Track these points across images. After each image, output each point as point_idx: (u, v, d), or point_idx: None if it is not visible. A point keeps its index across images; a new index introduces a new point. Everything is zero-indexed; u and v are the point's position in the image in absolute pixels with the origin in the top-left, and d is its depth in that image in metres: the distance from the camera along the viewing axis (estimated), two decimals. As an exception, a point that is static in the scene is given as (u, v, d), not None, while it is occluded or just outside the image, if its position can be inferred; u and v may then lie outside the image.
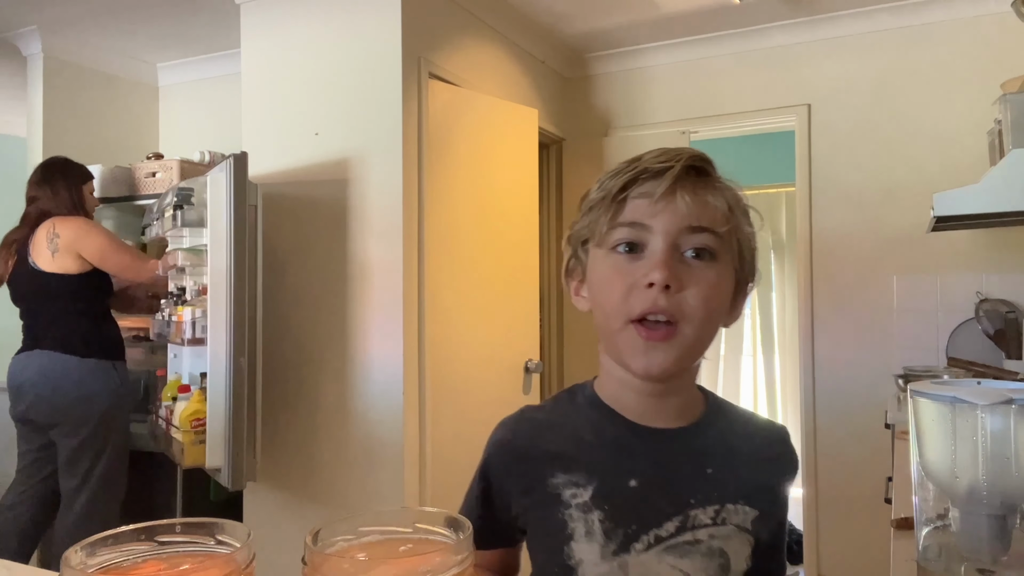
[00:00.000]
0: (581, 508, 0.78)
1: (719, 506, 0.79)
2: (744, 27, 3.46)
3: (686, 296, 0.76)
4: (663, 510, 0.78)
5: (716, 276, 0.78)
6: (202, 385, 2.57)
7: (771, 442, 0.88)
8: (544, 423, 0.87)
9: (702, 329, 0.78)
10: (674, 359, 0.78)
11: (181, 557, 0.53)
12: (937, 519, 0.87)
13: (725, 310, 0.81)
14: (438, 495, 2.69)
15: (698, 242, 0.77)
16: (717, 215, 0.78)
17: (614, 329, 0.79)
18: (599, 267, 0.82)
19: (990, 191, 2.11)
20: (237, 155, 2.38)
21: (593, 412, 0.84)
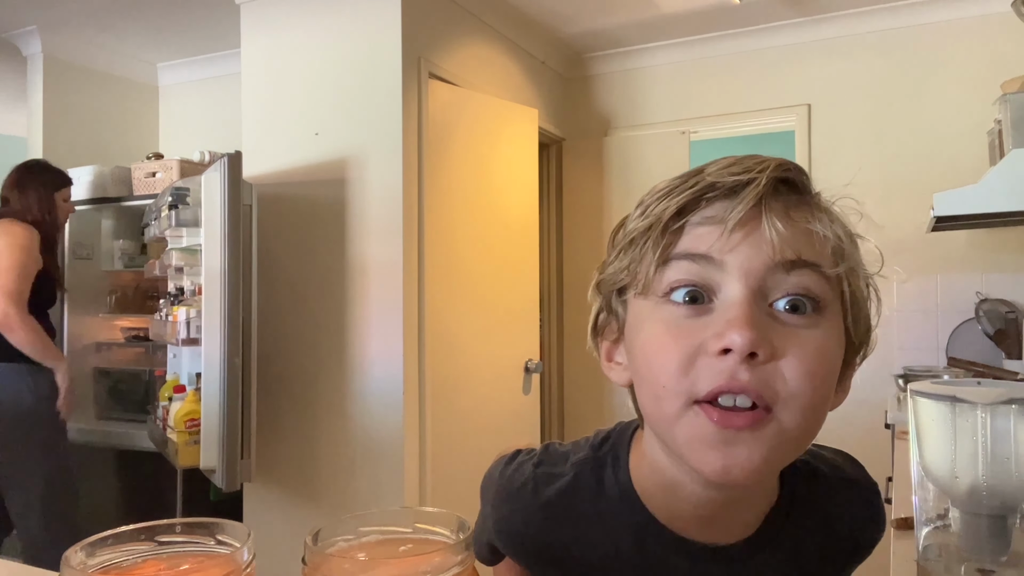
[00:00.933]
0: None
1: None
2: (744, 27, 3.46)
3: (781, 368, 0.52)
4: None
5: (825, 338, 0.54)
6: (197, 385, 2.57)
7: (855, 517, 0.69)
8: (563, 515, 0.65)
9: (807, 416, 0.54)
10: (764, 456, 0.53)
11: (181, 557, 0.53)
12: (937, 519, 0.87)
13: (833, 388, 0.58)
14: (438, 495, 2.69)
15: (797, 286, 0.53)
16: (825, 248, 0.55)
17: (669, 414, 0.54)
18: (645, 324, 0.57)
19: (990, 191, 2.11)
20: (231, 155, 2.38)
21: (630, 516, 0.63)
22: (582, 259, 3.82)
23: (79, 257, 3.38)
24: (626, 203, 3.73)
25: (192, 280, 2.75)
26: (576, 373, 3.83)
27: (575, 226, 3.85)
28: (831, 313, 0.55)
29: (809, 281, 0.53)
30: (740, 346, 0.50)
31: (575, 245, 3.84)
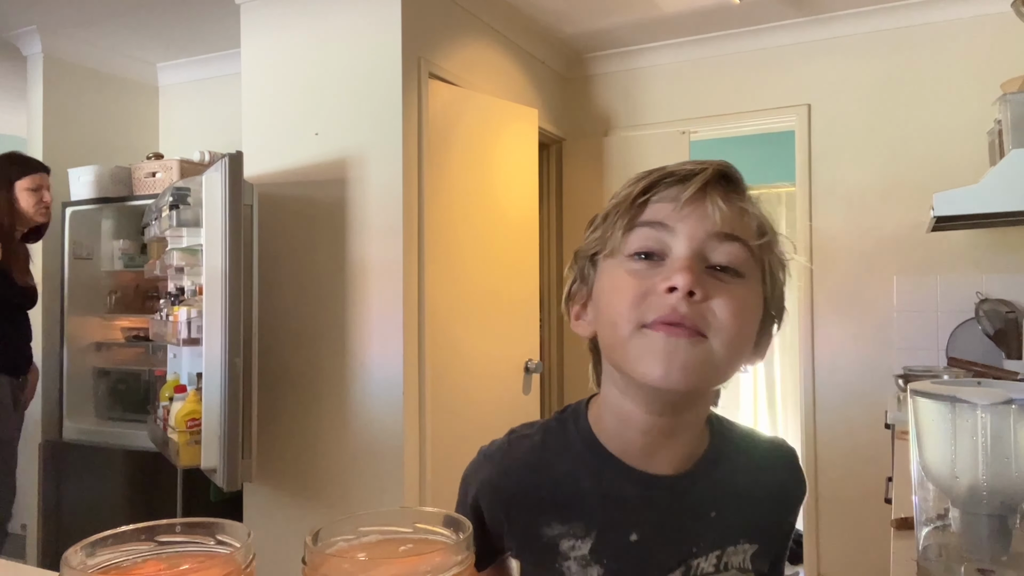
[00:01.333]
0: (580, 562, 0.73)
1: (720, 551, 0.74)
2: (744, 27, 3.46)
3: (712, 307, 0.66)
4: (664, 563, 0.73)
5: (746, 292, 0.68)
6: (198, 385, 2.57)
7: (777, 472, 0.83)
8: (535, 464, 0.77)
9: (731, 348, 0.66)
10: (699, 365, 0.65)
11: (181, 557, 0.53)
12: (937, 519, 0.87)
13: (752, 338, 0.70)
14: (438, 495, 2.69)
15: (728, 253, 0.68)
16: (751, 227, 0.70)
17: (623, 336, 0.68)
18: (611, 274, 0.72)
19: (990, 191, 2.11)
20: (232, 155, 2.38)
21: (589, 454, 0.75)
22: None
23: (79, 257, 3.38)
24: (626, 203, 3.73)
25: (193, 280, 2.75)
26: (576, 373, 3.82)
27: (575, 226, 3.85)
28: (752, 280, 0.70)
29: (737, 251, 0.68)
30: (682, 285, 0.64)
31: (575, 245, 3.83)
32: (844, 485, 3.29)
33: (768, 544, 0.79)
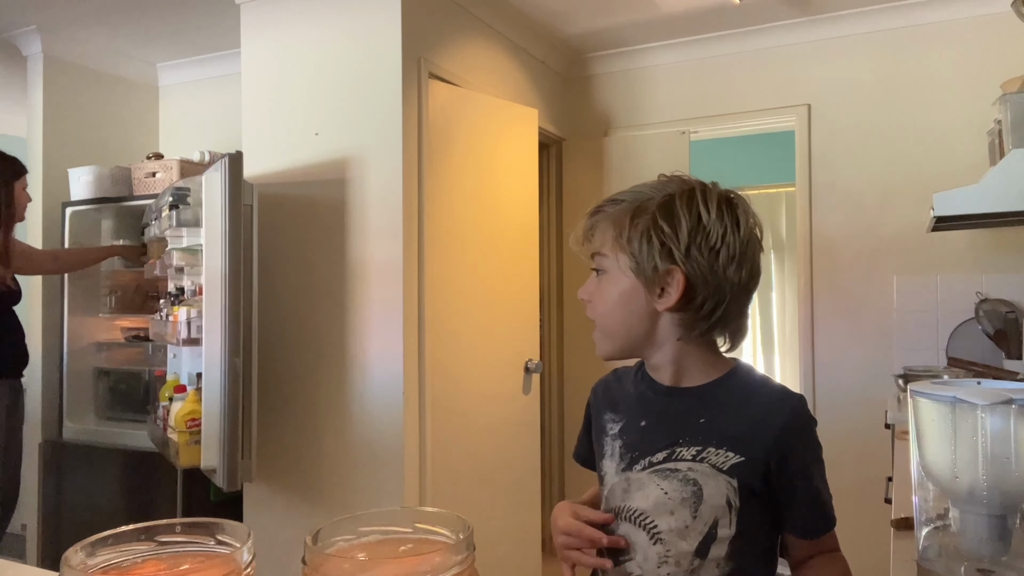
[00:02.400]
0: (612, 438, 1.04)
1: (701, 448, 0.95)
2: (744, 27, 3.46)
3: (593, 306, 1.02)
4: (657, 443, 0.98)
5: (606, 285, 1.00)
6: (198, 385, 2.57)
7: (776, 407, 0.96)
8: (615, 381, 1.12)
9: (605, 322, 1.01)
10: (598, 342, 1.04)
11: (181, 557, 0.53)
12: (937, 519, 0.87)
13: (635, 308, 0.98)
14: (438, 495, 2.69)
15: (594, 261, 1.02)
16: (605, 239, 0.98)
17: None
18: None
19: (990, 191, 2.11)
20: (232, 155, 2.38)
21: (638, 375, 1.07)
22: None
23: (79, 257, 3.38)
24: (626, 203, 3.73)
25: (192, 280, 2.75)
26: (576, 373, 3.83)
27: (575, 226, 3.85)
28: (614, 271, 0.98)
29: (598, 261, 1.01)
30: (581, 298, 1.04)
31: (575, 245, 3.83)
32: (844, 485, 3.28)
33: (754, 461, 0.93)
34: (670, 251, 0.92)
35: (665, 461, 0.96)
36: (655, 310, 0.96)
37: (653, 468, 0.97)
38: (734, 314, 0.96)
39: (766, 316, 5.04)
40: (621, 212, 0.97)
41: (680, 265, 0.92)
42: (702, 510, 0.93)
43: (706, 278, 0.92)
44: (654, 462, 0.97)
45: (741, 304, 0.96)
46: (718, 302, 0.94)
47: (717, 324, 0.95)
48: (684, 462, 0.95)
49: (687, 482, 0.94)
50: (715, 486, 0.93)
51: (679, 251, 0.92)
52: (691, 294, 0.93)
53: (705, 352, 0.99)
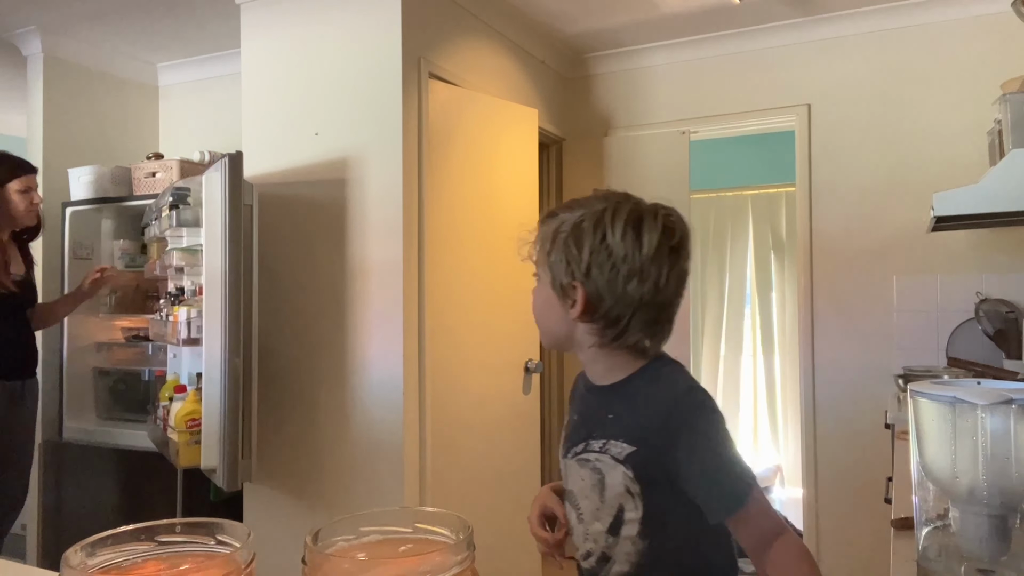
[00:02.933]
0: (564, 427, 1.20)
1: (605, 440, 1.06)
2: (744, 27, 3.46)
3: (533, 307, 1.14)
4: (579, 435, 1.12)
5: (537, 292, 1.12)
6: (198, 385, 2.57)
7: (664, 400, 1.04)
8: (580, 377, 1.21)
9: (538, 325, 1.15)
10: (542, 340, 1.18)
11: (181, 557, 0.53)
12: (937, 519, 0.87)
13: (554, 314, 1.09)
14: (438, 495, 2.69)
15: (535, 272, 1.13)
16: (536, 252, 1.11)
17: None
18: None
19: (990, 191, 2.11)
20: (232, 155, 2.38)
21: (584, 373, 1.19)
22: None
23: (79, 257, 3.38)
24: (626, 203, 3.73)
25: (192, 280, 2.75)
26: (576, 373, 3.82)
27: (575, 226, 3.85)
28: (542, 280, 1.10)
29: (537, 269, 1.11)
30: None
31: (575, 245, 3.84)
32: (844, 485, 3.29)
33: (647, 452, 1.02)
34: (574, 270, 1.03)
35: (583, 452, 1.10)
36: (570, 318, 1.06)
37: (575, 456, 1.11)
38: (647, 322, 1.03)
39: (766, 316, 5.04)
40: (549, 229, 1.08)
41: (581, 282, 1.03)
42: (607, 496, 1.05)
43: (607, 294, 1.02)
44: (576, 452, 1.11)
45: (653, 313, 1.03)
46: (620, 315, 1.02)
47: (627, 332, 1.03)
48: (593, 453, 1.08)
49: (595, 471, 1.07)
50: (614, 475, 1.04)
51: (579, 270, 1.02)
52: (594, 307, 1.03)
53: (624, 354, 1.07)
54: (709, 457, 0.98)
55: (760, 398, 5.08)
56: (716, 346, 5.17)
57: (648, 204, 1.07)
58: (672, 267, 1.03)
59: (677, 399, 1.03)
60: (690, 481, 0.99)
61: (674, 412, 1.01)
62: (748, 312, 5.13)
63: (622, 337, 1.04)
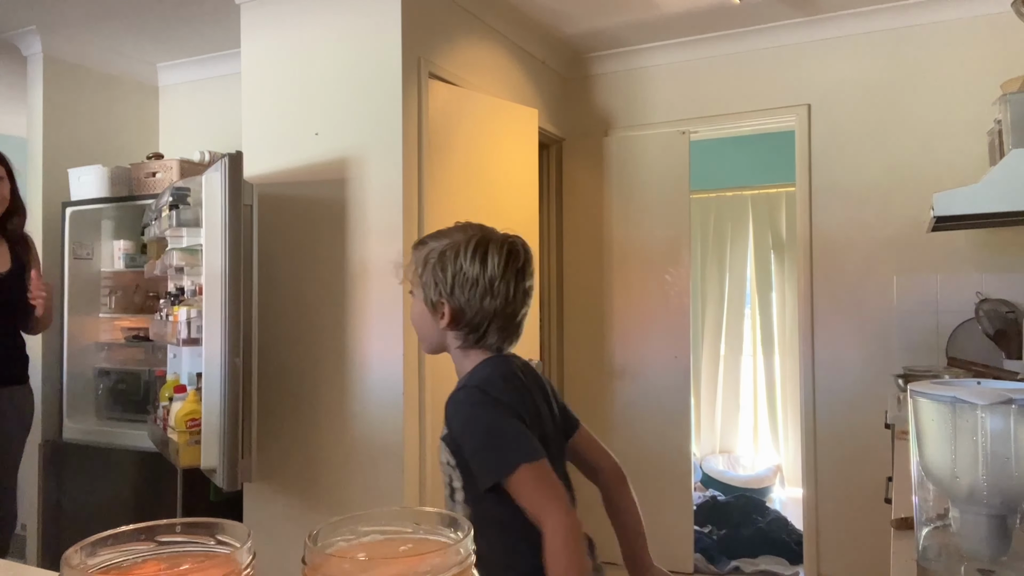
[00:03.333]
0: None
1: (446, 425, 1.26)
2: (744, 27, 3.46)
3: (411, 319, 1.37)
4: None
5: (414, 306, 1.34)
6: (198, 385, 2.57)
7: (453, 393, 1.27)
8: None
9: (417, 334, 1.37)
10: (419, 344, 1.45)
11: (181, 557, 0.53)
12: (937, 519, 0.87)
13: (428, 324, 1.32)
14: (438, 495, 2.68)
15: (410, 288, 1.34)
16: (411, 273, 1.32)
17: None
18: None
19: (990, 191, 2.11)
20: (232, 155, 2.38)
21: None
22: (582, 259, 3.82)
23: (79, 257, 3.38)
24: (626, 203, 3.73)
25: (192, 280, 2.75)
26: (576, 373, 3.83)
27: (575, 226, 3.85)
28: (417, 296, 1.32)
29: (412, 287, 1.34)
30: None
31: (575, 245, 3.84)
32: (844, 485, 3.29)
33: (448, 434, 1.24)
34: (441, 290, 1.28)
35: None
36: (440, 328, 1.30)
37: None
38: (500, 329, 1.29)
39: (766, 316, 5.04)
40: (420, 255, 1.31)
41: (447, 299, 1.27)
42: (443, 470, 1.28)
43: (467, 308, 1.27)
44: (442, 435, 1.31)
45: (505, 320, 1.28)
46: (479, 324, 1.28)
47: (485, 337, 1.29)
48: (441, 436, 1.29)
49: (440, 449, 1.29)
50: (442, 453, 1.27)
51: (445, 291, 1.27)
52: (458, 319, 1.28)
53: (476, 354, 1.31)
54: (468, 442, 1.21)
55: (760, 398, 5.08)
56: (716, 346, 5.17)
57: (497, 234, 1.33)
58: (518, 284, 1.29)
59: (453, 395, 1.26)
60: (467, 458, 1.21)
61: (449, 405, 1.25)
62: (748, 312, 5.13)
63: (481, 341, 1.29)
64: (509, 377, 1.28)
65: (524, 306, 1.31)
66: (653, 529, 1.48)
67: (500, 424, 1.19)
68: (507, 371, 1.29)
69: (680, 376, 3.62)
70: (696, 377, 5.06)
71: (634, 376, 3.70)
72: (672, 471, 3.58)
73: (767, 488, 4.59)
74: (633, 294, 3.71)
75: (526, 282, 1.31)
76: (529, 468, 1.13)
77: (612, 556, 1.52)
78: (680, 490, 3.56)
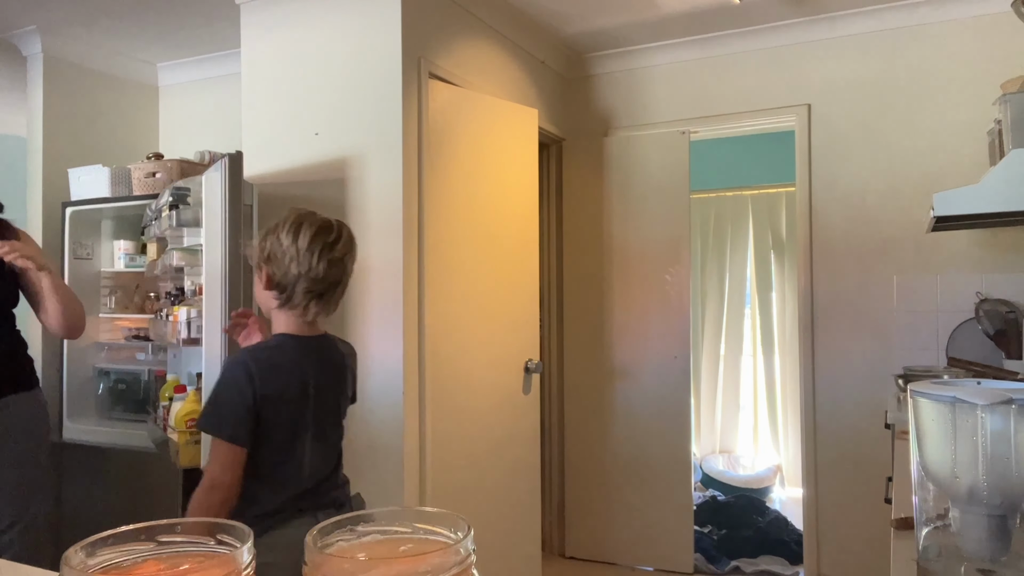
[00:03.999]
0: None
1: None
2: (744, 27, 3.46)
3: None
4: None
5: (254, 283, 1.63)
6: (198, 385, 2.56)
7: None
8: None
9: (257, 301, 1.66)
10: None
11: (181, 557, 0.53)
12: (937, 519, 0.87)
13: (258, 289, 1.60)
14: (438, 495, 2.69)
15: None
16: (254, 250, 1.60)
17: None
18: None
19: (990, 191, 2.11)
20: (232, 155, 2.38)
21: None
22: (582, 259, 3.82)
23: (79, 257, 3.38)
24: (626, 203, 3.73)
25: (192, 280, 2.75)
26: (576, 373, 3.83)
27: (575, 226, 3.85)
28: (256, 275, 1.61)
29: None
30: None
31: (575, 245, 3.84)
32: (844, 485, 3.29)
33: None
34: (260, 257, 1.58)
35: None
36: (261, 289, 1.58)
37: None
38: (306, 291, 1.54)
39: (766, 316, 5.04)
40: (263, 234, 1.59)
41: (264, 265, 1.57)
42: None
43: (276, 271, 1.55)
44: None
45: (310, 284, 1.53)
46: (285, 286, 1.54)
47: (292, 298, 1.55)
48: None
49: None
50: None
51: (263, 257, 1.57)
52: (271, 281, 1.56)
53: (284, 318, 1.58)
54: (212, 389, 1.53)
55: (760, 398, 5.08)
56: (716, 346, 5.17)
57: (318, 217, 1.59)
58: (322, 255, 1.54)
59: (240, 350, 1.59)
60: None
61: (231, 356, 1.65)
62: (748, 312, 5.13)
63: (289, 302, 1.55)
64: (274, 354, 1.56)
65: (332, 275, 1.56)
66: (653, 529, 1.48)
67: (227, 394, 1.50)
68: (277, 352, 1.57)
69: (680, 376, 3.62)
70: (696, 377, 5.06)
71: (634, 376, 3.70)
72: (672, 471, 3.58)
73: (767, 488, 4.59)
74: (633, 294, 3.71)
75: (333, 254, 1.56)
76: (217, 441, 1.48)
77: (613, 556, 1.53)
78: (680, 490, 3.56)
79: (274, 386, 1.50)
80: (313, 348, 1.60)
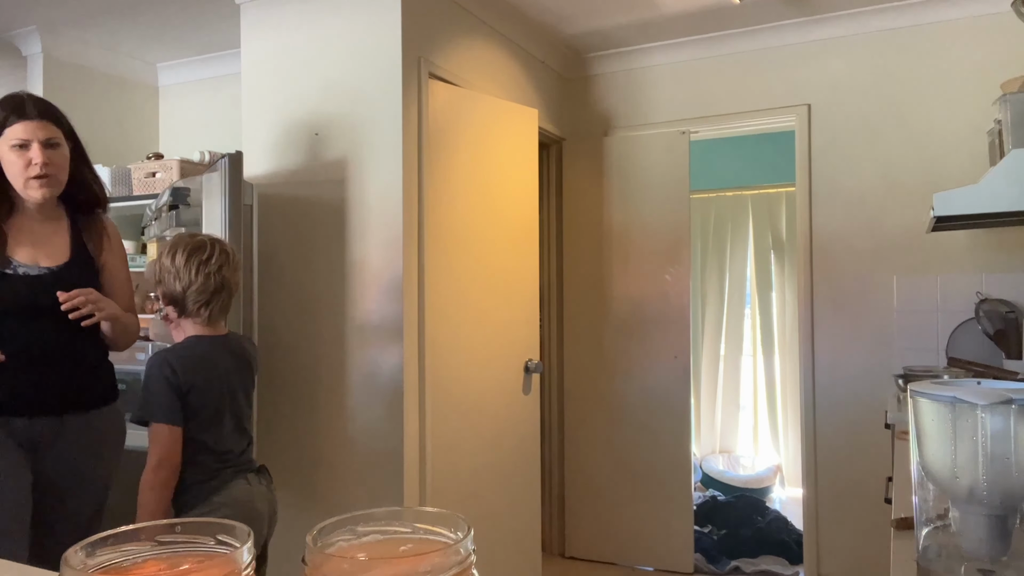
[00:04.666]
0: None
1: None
2: (744, 27, 3.46)
3: None
4: None
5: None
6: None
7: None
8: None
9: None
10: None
11: (181, 557, 0.53)
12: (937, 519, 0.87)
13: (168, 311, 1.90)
14: (438, 495, 2.69)
15: None
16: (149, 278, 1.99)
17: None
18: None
19: (990, 191, 2.11)
20: (232, 155, 2.38)
21: None
22: (582, 259, 3.82)
23: (79, 257, 3.37)
24: (626, 203, 3.73)
25: (192, 280, 2.74)
26: (576, 373, 3.83)
27: (575, 226, 3.85)
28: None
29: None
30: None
31: (575, 245, 3.84)
32: (844, 485, 3.29)
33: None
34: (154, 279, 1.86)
35: None
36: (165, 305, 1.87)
37: None
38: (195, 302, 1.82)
39: (766, 316, 5.04)
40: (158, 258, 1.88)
41: (158, 285, 1.86)
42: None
43: (167, 289, 1.84)
44: None
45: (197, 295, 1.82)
46: (176, 298, 1.83)
47: (186, 308, 1.84)
48: None
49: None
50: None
51: (156, 280, 1.86)
52: (168, 298, 1.85)
53: (187, 325, 1.87)
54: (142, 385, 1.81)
55: (760, 398, 5.08)
56: (716, 346, 5.17)
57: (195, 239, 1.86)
58: (199, 270, 1.81)
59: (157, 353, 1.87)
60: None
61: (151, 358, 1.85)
62: (748, 312, 5.13)
63: (184, 312, 1.84)
64: (188, 351, 1.83)
65: (211, 286, 1.82)
66: (653, 529, 1.48)
67: (157, 386, 1.77)
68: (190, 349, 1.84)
69: (680, 376, 3.62)
70: (696, 377, 5.06)
71: (634, 376, 3.70)
72: (672, 471, 3.58)
73: (767, 488, 4.59)
74: (633, 294, 3.71)
75: (209, 268, 1.82)
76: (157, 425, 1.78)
77: (613, 556, 1.53)
78: (680, 490, 3.56)
79: (193, 375, 1.79)
80: (220, 344, 1.90)
